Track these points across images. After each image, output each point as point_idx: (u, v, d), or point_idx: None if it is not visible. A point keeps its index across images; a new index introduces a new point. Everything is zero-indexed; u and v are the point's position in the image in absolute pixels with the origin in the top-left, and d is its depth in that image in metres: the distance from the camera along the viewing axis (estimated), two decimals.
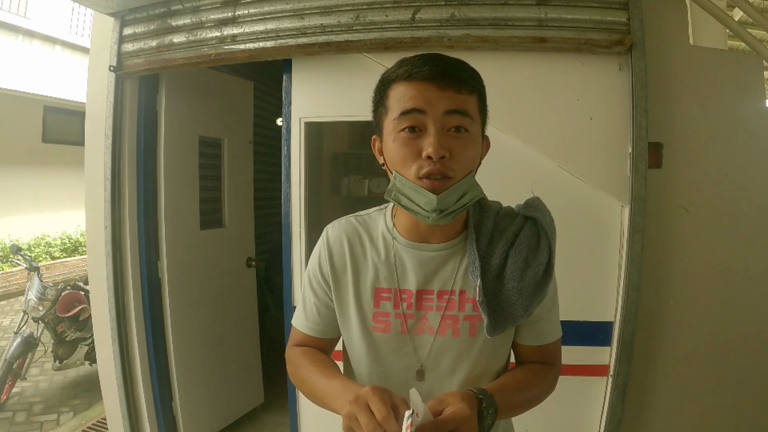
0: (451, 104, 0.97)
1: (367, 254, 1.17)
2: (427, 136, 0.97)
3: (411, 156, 0.99)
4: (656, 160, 2.13)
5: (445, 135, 0.98)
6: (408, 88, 0.99)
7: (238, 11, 2.39)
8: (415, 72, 0.99)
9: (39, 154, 9.69)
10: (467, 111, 0.99)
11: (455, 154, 0.98)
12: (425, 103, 0.97)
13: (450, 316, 1.11)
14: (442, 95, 0.97)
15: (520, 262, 1.08)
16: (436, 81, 0.97)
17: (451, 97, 0.97)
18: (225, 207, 3.62)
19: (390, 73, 1.04)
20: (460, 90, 0.98)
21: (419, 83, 0.98)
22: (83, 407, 4.21)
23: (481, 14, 2.13)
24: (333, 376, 1.06)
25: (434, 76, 0.97)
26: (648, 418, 2.22)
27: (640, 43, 2.08)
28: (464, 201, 1.02)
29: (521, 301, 1.07)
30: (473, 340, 1.11)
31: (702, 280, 2.18)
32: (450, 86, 0.97)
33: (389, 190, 1.04)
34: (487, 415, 0.93)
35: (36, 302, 4.14)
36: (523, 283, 1.07)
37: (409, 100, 0.98)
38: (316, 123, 2.53)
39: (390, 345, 1.13)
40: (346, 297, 1.17)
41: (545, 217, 1.13)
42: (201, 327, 3.32)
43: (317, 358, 1.18)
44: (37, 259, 8.55)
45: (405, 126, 0.99)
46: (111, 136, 2.69)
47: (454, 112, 0.97)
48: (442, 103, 0.97)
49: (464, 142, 0.99)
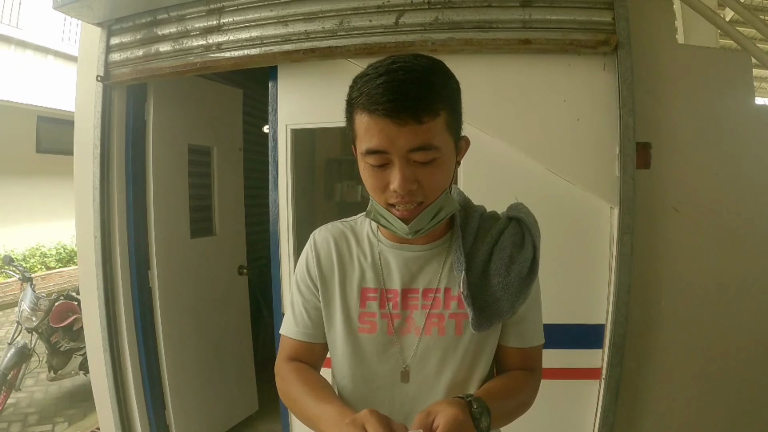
0: (413, 141, 0.93)
1: (354, 255, 1.18)
2: (393, 169, 0.96)
3: (379, 188, 0.99)
4: (645, 160, 2.12)
5: (412, 167, 0.96)
6: (369, 122, 0.94)
7: (223, 19, 2.39)
8: (374, 105, 0.93)
9: (33, 165, 9.69)
10: (431, 144, 0.94)
11: (424, 183, 0.97)
12: (387, 143, 0.93)
13: (435, 314, 1.11)
14: (403, 131, 0.92)
15: (504, 258, 1.09)
16: (396, 117, 0.91)
17: (412, 133, 0.92)
18: (215, 215, 3.61)
19: (353, 93, 0.99)
20: (421, 120, 0.92)
21: (379, 119, 0.92)
22: (78, 417, 4.19)
23: (464, 17, 2.12)
24: (327, 401, 1.02)
25: (393, 111, 0.91)
26: (641, 421, 2.20)
27: (626, 42, 2.07)
28: (440, 217, 1.04)
29: (507, 296, 1.08)
30: (459, 339, 1.10)
31: (693, 281, 2.17)
32: (410, 120, 0.91)
33: (369, 211, 1.07)
34: (481, 418, 0.92)
35: (29, 313, 4.12)
36: (509, 278, 1.08)
37: (372, 138, 0.94)
38: (305, 129, 2.52)
39: (375, 346, 1.13)
40: (333, 298, 1.17)
41: (528, 217, 1.15)
42: (193, 336, 3.30)
43: (310, 377, 1.14)
44: (33, 270, 8.53)
45: (371, 163, 0.97)
46: (99, 145, 2.69)
47: (416, 150, 0.94)
48: (403, 140, 0.92)
49: (432, 169, 0.97)
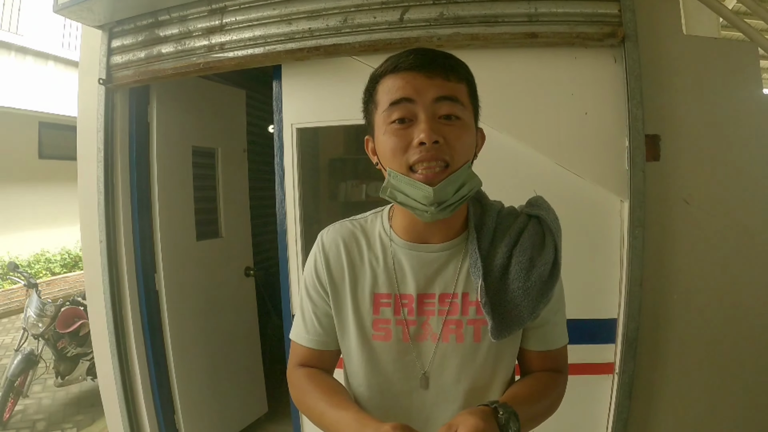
0: (440, 91, 0.95)
1: (365, 258, 1.12)
2: (418, 123, 0.95)
3: (402, 147, 0.96)
4: (654, 152, 2.10)
5: (437, 122, 0.95)
6: (395, 79, 0.98)
7: (225, 19, 2.37)
8: (401, 63, 0.97)
9: (36, 171, 9.68)
10: (457, 97, 0.97)
11: (450, 141, 0.95)
12: (414, 92, 0.95)
13: (453, 320, 1.07)
14: (430, 83, 0.95)
15: (525, 262, 1.04)
16: (423, 69, 0.96)
17: (439, 85, 0.96)
18: (221, 217, 3.59)
19: (377, 69, 1.03)
20: (448, 77, 0.96)
21: (406, 73, 0.97)
22: (86, 423, 4.18)
23: (470, 12, 2.10)
24: (344, 407, 0.99)
25: (421, 64, 0.96)
26: (656, 416, 2.18)
27: (633, 34, 2.05)
28: (462, 192, 0.99)
29: (527, 302, 1.03)
30: (478, 346, 1.06)
31: (705, 273, 2.15)
32: (437, 74, 0.96)
33: (384, 188, 1.01)
34: (508, 424, 0.89)
35: (35, 319, 4.11)
36: (529, 283, 1.03)
37: (398, 90, 0.96)
38: (309, 129, 2.50)
39: (391, 354, 1.09)
40: (345, 305, 1.12)
41: (549, 214, 1.10)
42: (201, 338, 3.29)
43: (324, 383, 1.10)
44: (38, 276, 8.53)
45: (395, 117, 0.97)
46: (103, 149, 2.68)
47: (443, 99, 0.95)
48: (430, 90, 0.95)
49: (458, 128, 0.96)
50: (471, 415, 0.86)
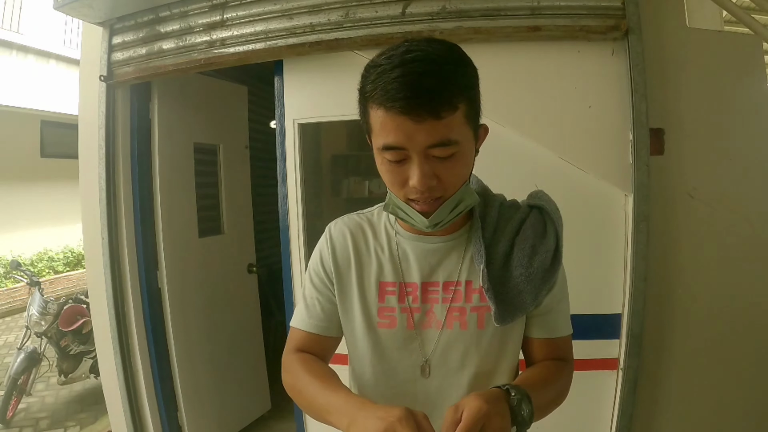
0: (432, 138, 0.89)
1: (371, 248, 1.15)
2: (411, 165, 0.93)
3: (398, 183, 0.96)
4: (658, 146, 2.09)
5: (431, 162, 0.92)
6: (386, 118, 0.90)
7: (226, 14, 2.36)
8: (390, 101, 0.88)
9: (38, 169, 9.70)
10: (449, 139, 0.90)
11: (443, 178, 0.94)
12: (405, 140, 0.90)
13: (456, 307, 1.09)
14: (421, 128, 0.88)
15: (527, 249, 1.07)
16: (413, 114, 0.87)
17: (431, 129, 0.88)
18: (223, 213, 3.59)
19: (367, 86, 0.93)
20: (439, 116, 0.88)
21: (396, 116, 0.88)
22: (89, 421, 4.20)
23: (472, 5, 2.08)
24: (335, 390, 0.98)
25: (410, 108, 0.87)
26: (661, 411, 2.18)
27: (636, 27, 2.03)
28: (459, 209, 1.02)
29: (530, 288, 1.05)
30: (482, 332, 1.08)
31: (710, 267, 2.13)
32: (428, 116, 0.87)
33: (387, 204, 1.05)
34: (520, 405, 0.89)
35: (38, 317, 4.12)
36: (531, 269, 1.05)
37: (389, 134, 0.91)
38: (311, 124, 2.49)
39: (396, 341, 1.11)
40: (350, 293, 1.14)
41: (550, 205, 1.12)
42: (204, 336, 3.29)
43: (316, 367, 1.10)
44: (40, 274, 8.55)
45: (388, 159, 0.94)
46: (104, 146, 2.67)
47: (435, 146, 0.90)
48: (421, 136, 0.89)
49: (452, 164, 0.94)
50: (477, 398, 0.86)
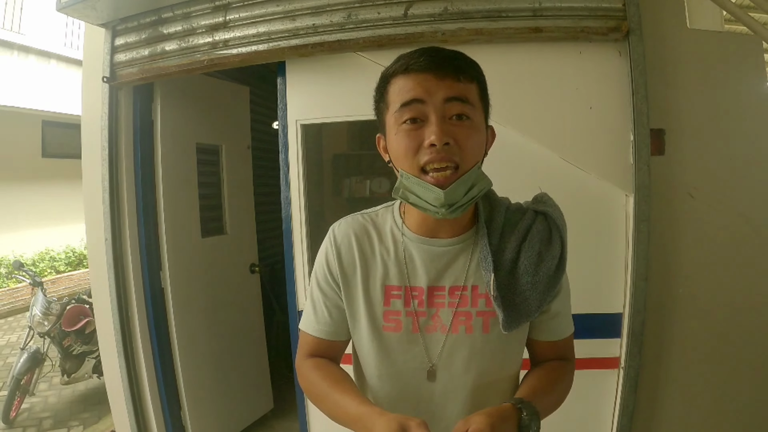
0: (451, 92, 0.96)
1: (376, 251, 1.14)
2: (429, 125, 0.96)
3: (413, 147, 0.98)
4: (659, 146, 2.10)
5: (448, 123, 0.97)
6: (407, 80, 0.99)
7: (229, 15, 2.37)
8: (412, 64, 0.98)
9: (40, 169, 9.70)
10: (467, 98, 0.98)
11: (460, 142, 0.97)
12: (424, 93, 0.97)
13: (462, 312, 1.09)
14: (441, 84, 0.96)
15: (533, 257, 1.07)
16: (434, 70, 0.97)
17: (449, 85, 0.97)
18: (226, 214, 3.60)
19: (388, 69, 1.04)
20: (458, 78, 0.97)
21: (417, 74, 0.98)
22: (93, 420, 4.21)
23: (474, 7, 2.09)
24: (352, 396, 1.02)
25: (432, 65, 0.97)
26: (661, 410, 2.19)
27: (637, 28, 2.04)
28: (473, 193, 1.01)
29: (536, 295, 1.06)
30: (487, 337, 1.09)
31: (711, 267, 2.14)
32: (448, 75, 0.97)
33: (396, 188, 1.04)
34: (529, 425, 0.92)
35: (41, 317, 4.13)
36: (537, 277, 1.06)
37: (409, 91, 0.98)
38: (314, 125, 2.50)
39: (401, 344, 1.11)
40: (356, 296, 1.14)
41: (555, 211, 1.13)
42: (206, 335, 3.30)
43: (332, 372, 1.13)
44: (42, 274, 8.56)
45: (406, 118, 0.98)
46: (107, 147, 2.68)
47: (454, 99, 0.97)
48: (441, 91, 0.96)
49: (468, 129, 0.98)
50: (488, 415, 0.88)
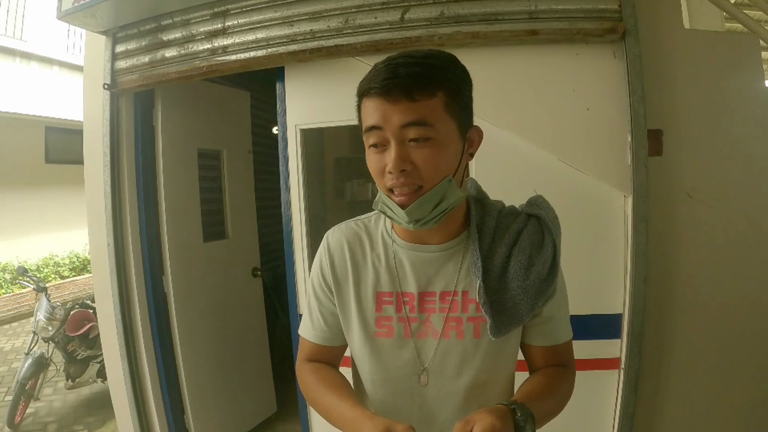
0: (405, 117, 0.94)
1: (368, 258, 1.16)
2: (389, 150, 0.97)
3: (379, 170, 0.99)
4: (656, 147, 2.10)
5: (406, 147, 0.96)
6: (368, 103, 0.98)
7: (227, 22, 2.39)
8: (372, 86, 0.96)
9: (43, 175, 9.74)
10: (424, 120, 0.94)
11: (418, 165, 0.96)
12: (381, 119, 0.95)
13: (453, 317, 1.09)
14: (395, 108, 0.94)
15: (524, 261, 1.06)
16: (388, 95, 0.94)
17: (404, 110, 0.94)
18: (227, 218, 3.62)
19: (360, 84, 1.02)
20: (413, 98, 0.94)
21: (376, 99, 0.96)
22: (97, 425, 4.22)
23: (470, 10, 2.10)
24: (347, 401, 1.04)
25: (386, 89, 0.95)
26: (662, 410, 2.19)
27: (633, 29, 2.05)
28: (442, 207, 1.01)
29: (526, 300, 1.06)
30: (478, 342, 1.09)
31: (710, 267, 2.15)
32: (402, 98, 0.94)
33: (376, 202, 1.07)
34: (525, 426, 0.92)
35: (45, 322, 4.15)
36: (527, 282, 1.05)
37: (369, 116, 0.97)
38: (313, 129, 2.52)
39: (393, 350, 1.12)
40: (349, 303, 1.16)
41: (548, 213, 1.12)
42: (209, 339, 3.32)
43: (328, 376, 1.16)
44: (46, 279, 8.59)
45: (370, 143, 0.99)
46: (109, 153, 2.70)
47: (409, 125, 0.95)
48: (395, 116, 0.94)
49: (428, 150, 0.96)
50: (489, 414, 0.88)
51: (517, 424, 0.91)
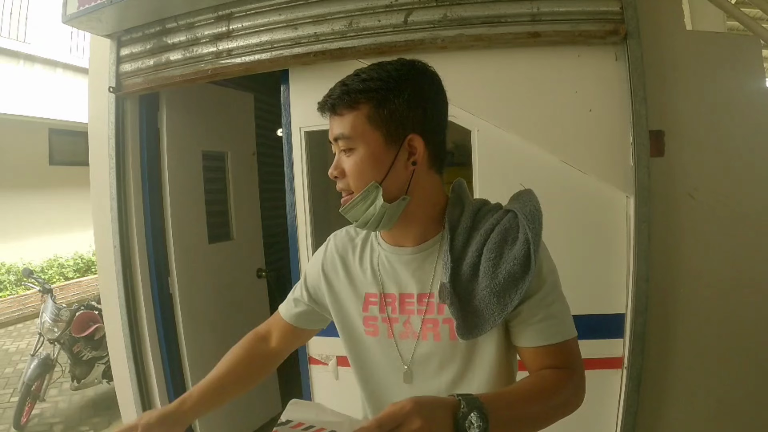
0: (333, 131, 1.07)
1: (357, 260, 1.23)
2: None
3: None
4: (658, 148, 2.11)
5: (340, 156, 1.09)
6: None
7: (232, 25, 2.40)
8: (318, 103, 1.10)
9: (47, 177, 9.79)
10: (344, 133, 1.05)
11: (345, 172, 1.07)
12: (329, 132, 1.09)
13: (430, 319, 1.11)
14: (331, 123, 1.08)
15: (493, 258, 1.03)
16: (323, 111, 1.09)
17: (333, 124, 1.08)
18: (232, 219, 3.64)
19: None
20: (338, 113, 1.06)
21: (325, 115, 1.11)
22: (103, 425, 4.24)
23: (473, 13, 2.12)
24: (200, 384, 1.30)
25: (321, 107, 1.09)
26: (665, 409, 2.20)
27: (635, 31, 2.06)
28: (372, 212, 1.06)
29: (496, 299, 1.01)
30: (454, 344, 1.08)
31: (711, 267, 2.16)
32: (332, 114, 1.08)
33: None
34: (465, 417, 0.81)
35: (51, 324, 4.17)
36: (496, 280, 1.02)
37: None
38: (317, 131, 2.53)
39: (378, 348, 1.18)
40: (341, 303, 1.23)
41: (525, 206, 1.06)
42: (214, 340, 3.33)
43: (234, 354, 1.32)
44: (51, 281, 8.62)
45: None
46: (114, 156, 2.72)
47: (336, 138, 1.07)
48: (331, 131, 1.08)
49: (352, 159, 1.06)
50: (411, 399, 0.80)
51: (459, 415, 0.81)
